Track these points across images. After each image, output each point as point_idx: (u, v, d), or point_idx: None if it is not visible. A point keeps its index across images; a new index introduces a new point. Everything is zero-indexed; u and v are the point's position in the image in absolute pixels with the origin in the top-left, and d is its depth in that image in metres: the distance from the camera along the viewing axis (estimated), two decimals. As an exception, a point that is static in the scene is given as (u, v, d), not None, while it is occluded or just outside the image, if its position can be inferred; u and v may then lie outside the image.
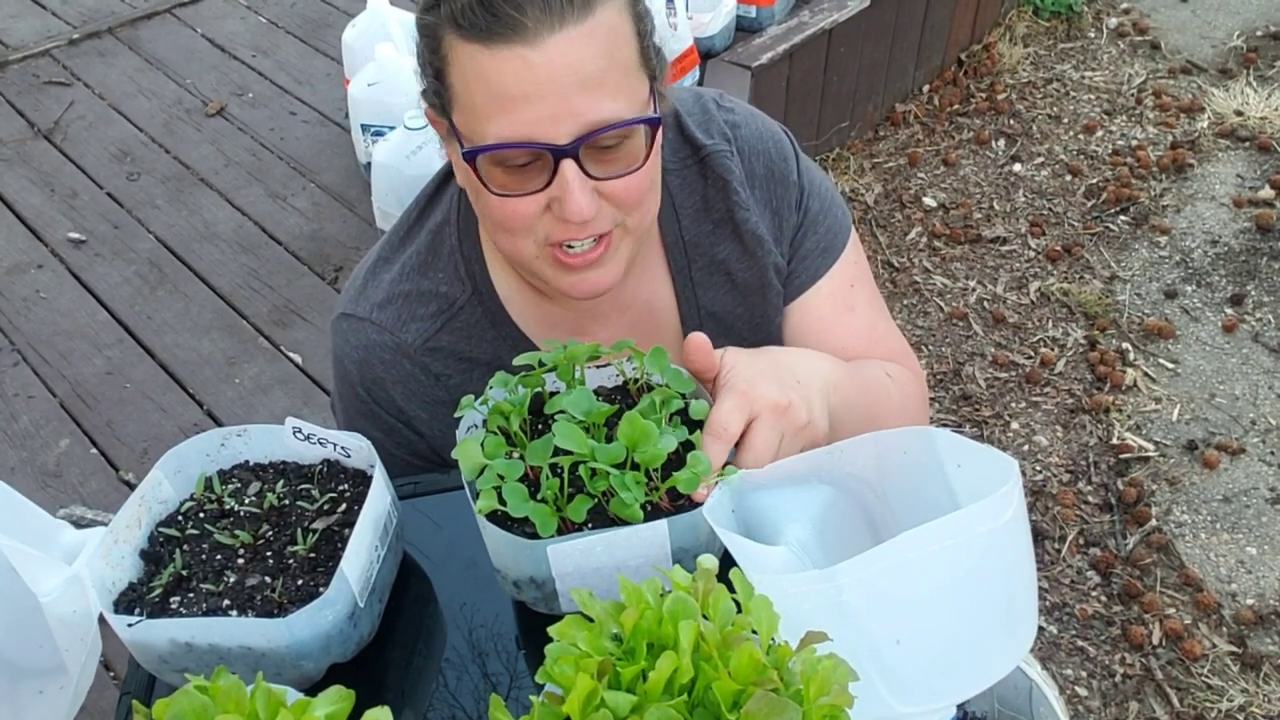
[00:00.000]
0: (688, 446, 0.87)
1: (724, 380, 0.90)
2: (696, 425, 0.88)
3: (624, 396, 0.97)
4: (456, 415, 0.93)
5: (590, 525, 0.83)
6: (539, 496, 0.83)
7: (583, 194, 0.95)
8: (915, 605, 0.73)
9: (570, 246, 1.01)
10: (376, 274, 1.19)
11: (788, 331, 1.24)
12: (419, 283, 1.17)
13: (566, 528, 0.83)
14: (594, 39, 0.91)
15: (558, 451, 0.83)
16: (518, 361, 0.95)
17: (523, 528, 0.83)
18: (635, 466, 0.83)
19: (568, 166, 0.94)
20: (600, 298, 1.12)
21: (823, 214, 1.22)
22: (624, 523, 0.82)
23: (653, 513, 0.83)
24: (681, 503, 0.85)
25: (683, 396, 0.91)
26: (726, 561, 0.76)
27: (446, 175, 1.21)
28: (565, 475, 0.84)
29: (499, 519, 0.84)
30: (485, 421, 0.92)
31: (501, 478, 0.83)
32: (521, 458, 0.85)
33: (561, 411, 0.87)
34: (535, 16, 0.89)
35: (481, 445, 0.86)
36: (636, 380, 0.95)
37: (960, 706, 0.81)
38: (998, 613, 0.77)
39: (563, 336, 1.19)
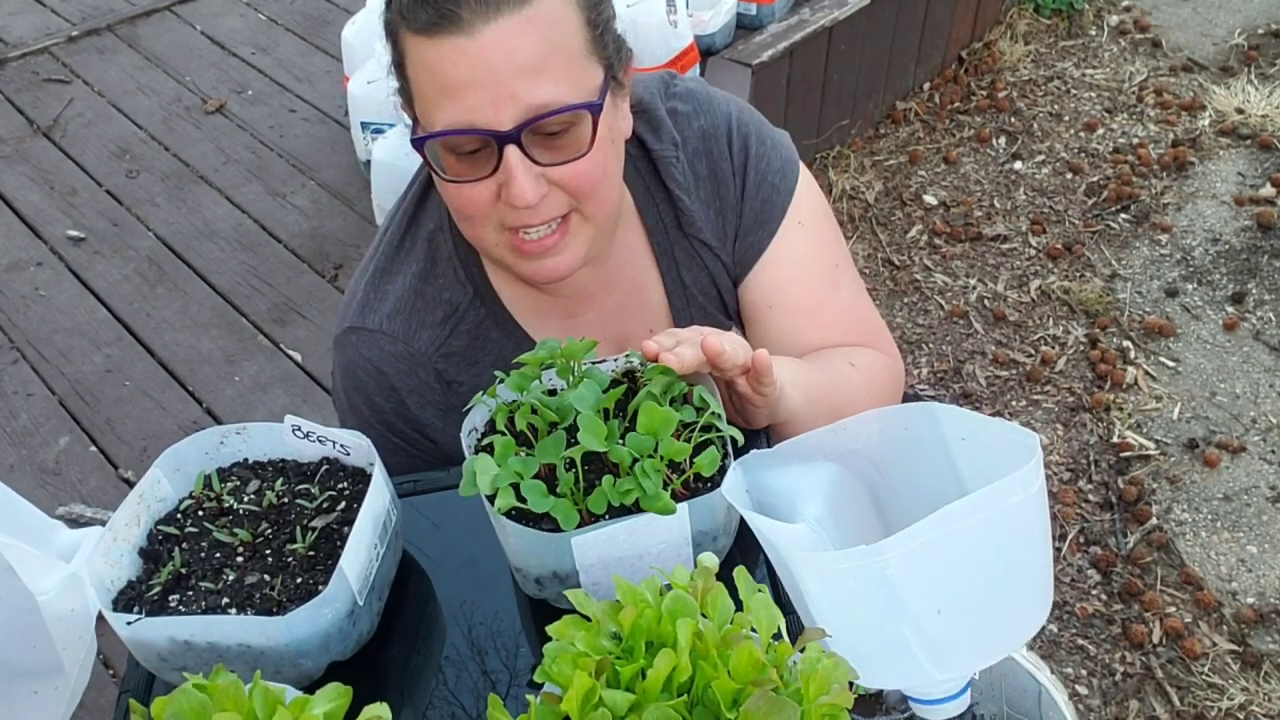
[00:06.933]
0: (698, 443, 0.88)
1: None
2: (698, 410, 0.90)
3: (630, 380, 0.97)
4: (464, 410, 0.94)
5: (606, 515, 0.83)
6: (557, 491, 0.84)
7: (527, 179, 0.98)
8: (955, 575, 0.75)
9: (526, 233, 1.04)
10: (379, 285, 1.19)
11: (773, 320, 1.23)
12: (424, 291, 1.18)
13: (584, 520, 0.84)
14: (532, 26, 0.94)
15: (568, 445, 0.84)
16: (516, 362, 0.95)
17: (539, 524, 0.83)
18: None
19: (511, 152, 0.97)
20: (580, 281, 1.16)
21: (766, 203, 1.20)
22: (643, 511, 0.83)
23: (671, 498, 0.84)
24: (698, 487, 0.86)
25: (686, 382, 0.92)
26: (727, 561, 0.76)
27: (428, 182, 1.22)
28: (579, 468, 0.84)
29: (513, 517, 0.84)
30: (490, 422, 0.93)
31: (519, 475, 0.83)
32: (531, 455, 0.85)
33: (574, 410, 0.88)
34: (471, 7, 0.92)
35: (490, 450, 0.86)
36: (639, 370, 0.96)
37: (969, 709, 0.82)
38: (1028, 578, 0.80)
39: (554, 322, 1.21)
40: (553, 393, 0.93)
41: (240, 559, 0.89)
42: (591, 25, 0.99)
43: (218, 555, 0.89)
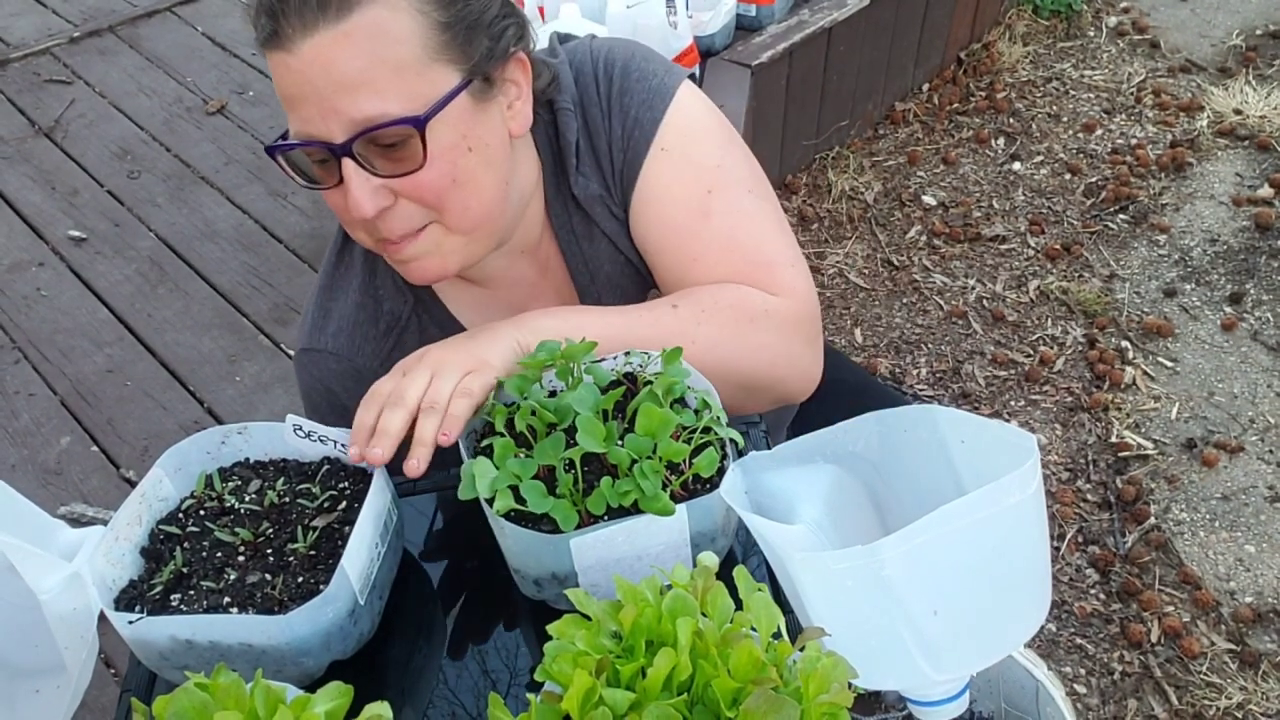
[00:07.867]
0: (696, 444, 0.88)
1: None
2: (698, 412, 0.90)
3: (630, 381, 0.97)
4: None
5: (605, 516, 0.84)
6: (556, 492, 0.84)
7: (363, 191, 0.98)
8: (952, 576, 0.76)
9: (388, 237, 1.04)
10: (323, 304, 1.20)
11: (659, 265, 1.15)
12: (365, 304, 1.19)
13: (583, 521, 0.84)
14: (350, 40, 0.93)
15: (567, 446, 0.84)
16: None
17: (538, 525, 0.84)
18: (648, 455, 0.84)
19: (346, 164, 0.97)
20: (517, 271, 1.17)
21: (630, 128, 1.12)
22: (642, 512, 0.83)
23: (670, 499, 0.84)
24: (697, 488, 0.86)
25: (689, 387, 0.92)
26: (727, 560, 0.77)
27: None
28: (579, 469, 0.85)
29: (512, 518, 0.84)
30: (489, 425, 0.93)
31: (518, 477, 0.83)
32: (530, 457, 0.85)
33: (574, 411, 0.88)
34: (291, 23, 0.93)
35: (489, 451, 0.86)
36: (641, 368, 0.97)
37: (968, 708, 0.83)
38: (1025, 579, 0.80)
39: (500, 318, 1.16)
40: (552, 394, 0.94)
41: (242, 558, 0.89)
42: (443, 28, 0.96)
43: (219, 554, 0.89)
